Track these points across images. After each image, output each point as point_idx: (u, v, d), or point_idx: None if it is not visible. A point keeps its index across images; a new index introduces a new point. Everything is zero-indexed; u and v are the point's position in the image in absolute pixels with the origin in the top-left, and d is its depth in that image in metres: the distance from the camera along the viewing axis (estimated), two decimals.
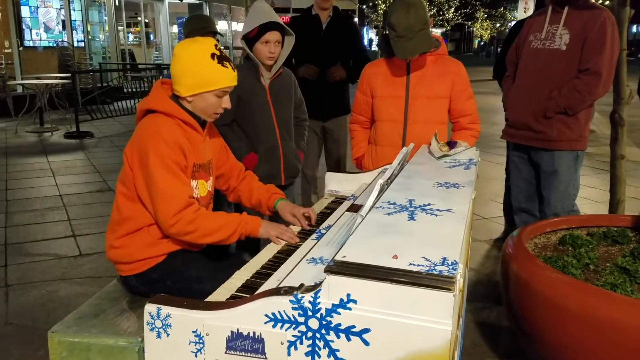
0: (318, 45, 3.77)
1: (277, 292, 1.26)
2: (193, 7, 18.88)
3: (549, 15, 3.03)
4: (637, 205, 4.79)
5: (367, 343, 1.18)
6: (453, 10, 43.39)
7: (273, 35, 2.62)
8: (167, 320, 1.33)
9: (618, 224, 2.64)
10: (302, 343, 1.25)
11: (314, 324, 1.22)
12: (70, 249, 3.93)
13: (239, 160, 2.72)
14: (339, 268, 1.19)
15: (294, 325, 1.24)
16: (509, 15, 48.80)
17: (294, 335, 1.25)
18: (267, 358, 1.28)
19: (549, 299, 1.96)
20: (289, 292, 1.24)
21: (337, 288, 1.19)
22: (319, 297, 1.21)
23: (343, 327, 1.20)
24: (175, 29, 18.74)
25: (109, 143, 8.12)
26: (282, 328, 1.25)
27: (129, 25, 18.09)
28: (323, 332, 1.22)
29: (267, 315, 1.25)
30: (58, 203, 5.07)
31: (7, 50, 10.84)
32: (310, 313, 1.22)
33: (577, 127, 2.99)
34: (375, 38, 40.14)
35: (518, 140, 3.21)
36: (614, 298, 1.87)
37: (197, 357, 1.33)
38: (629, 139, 4.82)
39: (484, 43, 54.03)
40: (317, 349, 1.24)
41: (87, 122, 9.41)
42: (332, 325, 1.21)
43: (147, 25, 18.38)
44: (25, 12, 11.40)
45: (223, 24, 21.16)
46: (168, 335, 1.34)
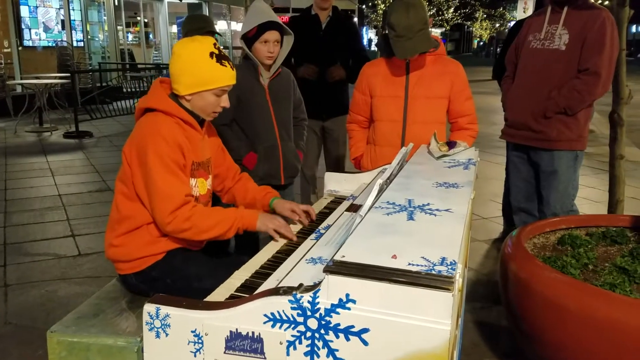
0: (317, 45, 3.77)
1: (276, 292, 1.26)
2: (192, 6, 18.88)
3: (548, 15, 3.03)
4: (636, 205, 4.79)
5: (366, 343, 1.18)
6: (452, 10, 43.41)
7: (272, 35, 2.62)
8: (166, 320, 1.33)
9: (617, 224, 2.64)
10: (301, 343, 1.25)
11: (313, 324, 1.22)
12: (70, 249, 3.93)
13: (239, 160, 2.73)
14: (338, 268, 1.19)
15: (293, 325, 1.24)
16: (509, 15, 48.83)
17: (293, 335, 1.25)
18: (266, 358, 1.28)
19: (548, 299, 1.96)
20: (288, 292, 1.24)
21: (336, 288, 1.19)
22: (318, 297, 1.21)
23: (342, 327, 1.20)
24: (175, 29, 18.73)
25: (108, 143, 8.12)
26: (281, 328, 1.25)
27: (128, 25, 18.10)
28: (322, 332, 1.22)
29: (266, 315, 1.25)
30: (57, 203, 5.07)
31: (6, 50, 10.83)
32: (309, 313, 1.22)
33: (576, 127, 2.99)
34: (375, 38, 40.12)
35: (517, 140, 3.21)
36: (613, 298, 1.87)
37: (196, 357, 1.33)
38: (628, 139, 4.82)
39: (484, 43, 54.05)
40: (316, 349, 1.24)
41: (86, 121, 9.40)
42: (331, 325, 1.21)
43: (146, 25, 18.37)
44: (25, 11, 11.40)
45: (222, 24, 21.16)
46: (167, 335, 1.34)
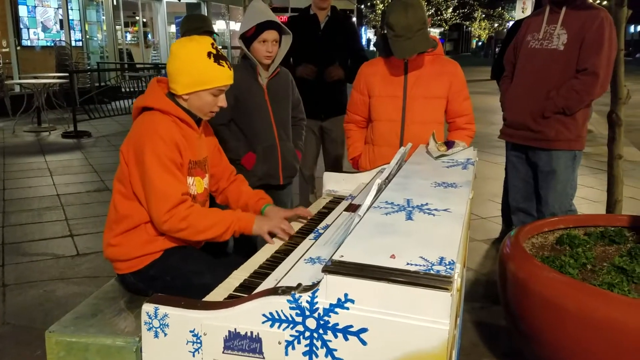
0: (316, 45, 3.77)
1: (274, 291, 1.26)
2: (191, 6, 18.87)
3: (547, 15, 3.03)
4: (634, 205, 4.80)
5: (364, 343, 1.18)
6: (451, 10, 43.44)
7: (270, 34, 2.62)
8: (164, 320, 1.33)
9: (615, 224, 2.64)
10: (299, 343, 1.25)
11: (312, 324, 1.22)
12: (68, 249, 3.93)
13: (238, 160, 2.73)
14: (337, 268, 1.19)
15: (292, 325, 1.24)
16: (507, 15, 48.89)
17: (292, 335, 1.25)
18: (264, 358, 1.28)
19: (547, 299, 1.96)
20: (287, 291, 1.24)
21: (334, 288, 1.19)
22: (317, 296, 1.21)
23: (341, 326, 1.20)
24: (173, 29, 18.71)
25: (107, 142, 8.11)
26: (279, 328, 1.25)
27: (127, 25, 18.09)
28: (321, 331, 1.22)
29: (264, 315, 1.25)
30: (55, 203, 5.06)
31: (4, 50, 10.82)
32: (308, 313, 1.22)
33: (574, 127, 2.99)
34: (374, 38, 40.13)
35: (516, 140, 3.22)
36: (611, 298, 1.87)
37: (194, 356, 1.33)
38: (627, 139, 4.83)
39: (482, 43, 54.08)
40: (314, 349, 1.24)
41: (84, 121, 9.38)
42: (329, 325, 1.21)
43: (145, 25, 18.37)
44: (23, 11, 11.39)
45: (221, 24, 21.15)
46: (166, 335, 1.34)
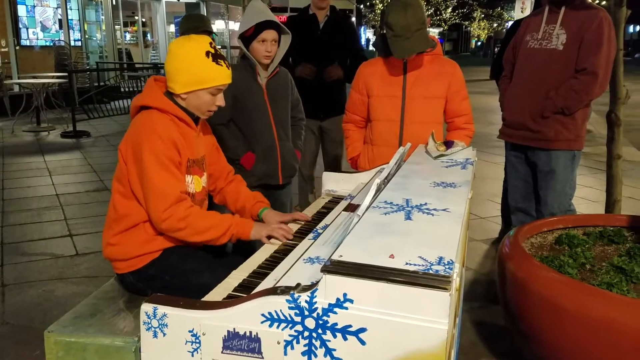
0: (315, 45, 3.77)
1: (273, 291, 1.26)
2: (190, 6, 18.86)
3: (546, 15, 3.03)
4: (633, 205, 4.81)
5: (363, 342, 1.18)
6: (450, 10, 43.43)
7: (269, 34, 2.62)
8: (163, 320, 1.33)
9: (614, 224, 2.64)
10: (298, 342, 1.25)
11: (311, 324, 1.22)
12: (67, 249, 3.93)
13: (237, 160, 2.73)
14: (336, 267, 1.19)
15: (291, 325, 1.24)
16: (506, 15, 48.90)
17: (291, 335, 1.25)
18: (263, 357, 1.28)
19: (545, 299, 1.96)
20: (286, 291, 1.24)
21: (333, 287, 1.19)
22: (316, 296, 1.21)
23: (339, 326, 1.20)
24: (173, 28, 18.72)
25: (106, 142, 8.11)
26: (278, 327, 1.25)
27: (126, 25, 18.08)
28: (319, 331, 1.22)
29: (263, 315, 1.25)
30: (55, 202, 5.06)
31: (3, 49, 10.81)
32: (307, 312, 1.22)
33: (574, 127, 2.99)
34: (373, 38, 40.12)
35: (515, 140, 3.21)
36: (610, 297, 1.87)
37: (193, 356, 1.33)
38: (626, 139, 4.84)
39: (481, 43, 54.09)
40: (313, 349, 1.24)
41: (83, 121, 9.38)
42: (328, 325, 1.21)
43: (144, 25, 18.36)
44: (22, 11, 11.37)
45: (220, 23, 21.13)
46: (164, 335, 1.34)
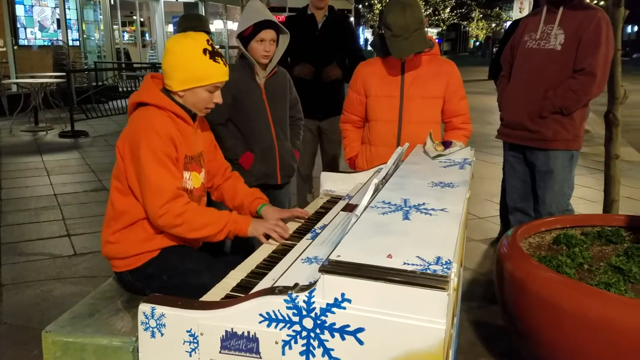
0: (313, 45, 3.77)
1: (271, 291, 1.26)
2: (188, 6, 18.83)
3: (544, 15, 3.03)
4: (631, 205, 4.81)
5: (361, 342, 1.18)
6: (449, 10, 43.48)
7: (268, 34, 2.62)
8: (161, 320, 1.33)
9: (612, 224, 2.65)
10: (296, 342, 1.25)
11: (309, 324, 1.22)
12: (65, 249, 3.92)
13: (235, 160, 2.73)
14: (334, 267, 1.19)
15: (289, 325, 1.24)
16: (505, 15, 48.97)
17: (289, 335, 1.25)
18: (261, 357, 1.28)
19: (543, 299, 1.97)
20: (284, 291, 1.24)
21: (331, 287, 1.19)
22: (314, 296, 1.21)
23: (337, 326, 1.20)
24: (171, 28, 18.69)
25: (104, 142, 8.10)
26: (276, 327, 1.25)
27: (124, 24, 18.05)
28: (317, 331, 1.22)
29: (261, 315, 1.25)
30: (53, 202, 5.05)
31: (1, 49, 10.79)
32: (305, 312, 1.22)
33: (572, 127, 3.00)
34: (371, 38, 40.11)
35: (514, 140, 3.22)
36: (608, 297, 1.88)
37: (191, 356, 1.33)
38: (624, 139, 4.84)
39: (480, 43, 54.14)
40: (311, 349, 1.24)
41: (82, 121, 9.37)
42: (326, 325, 1.21)
43: (142, 24, 18.34)
44: (20, 10, 11.35)
45: (219, 23, 21.12)
46: (162, 335, 1.34)
